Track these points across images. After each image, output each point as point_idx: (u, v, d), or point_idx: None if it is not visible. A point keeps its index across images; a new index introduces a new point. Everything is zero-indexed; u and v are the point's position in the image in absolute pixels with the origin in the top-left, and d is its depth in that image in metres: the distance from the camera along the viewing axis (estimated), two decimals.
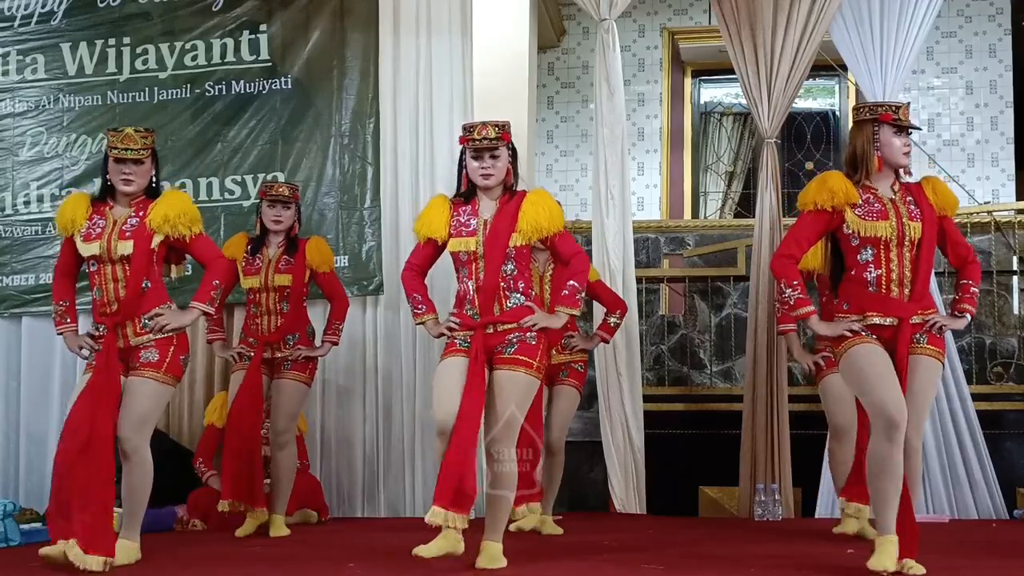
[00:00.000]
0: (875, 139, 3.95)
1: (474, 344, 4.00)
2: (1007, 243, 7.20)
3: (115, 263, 4.27)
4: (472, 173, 4.15)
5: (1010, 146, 9.67)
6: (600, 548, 4.73)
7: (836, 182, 3.90)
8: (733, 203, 10.33)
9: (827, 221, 3.91)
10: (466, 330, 4.06)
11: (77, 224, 4.33)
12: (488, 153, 4.12)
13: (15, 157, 6.89)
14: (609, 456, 6.27)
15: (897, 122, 3.94)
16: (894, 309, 3.84)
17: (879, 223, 3.86)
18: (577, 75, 10.34)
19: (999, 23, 9.76)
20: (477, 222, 4.11)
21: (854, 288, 3.90)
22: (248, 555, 4.63)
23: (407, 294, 4.26)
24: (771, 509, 5.87)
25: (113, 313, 4.28)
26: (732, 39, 6.51)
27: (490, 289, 4.05)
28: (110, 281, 4.29)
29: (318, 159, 6.66)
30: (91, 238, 4.29)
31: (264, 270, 5.46)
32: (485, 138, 4.10)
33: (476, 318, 4.05)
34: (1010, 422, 6.53)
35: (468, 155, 4.15)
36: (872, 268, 3.86)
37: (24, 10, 6.97)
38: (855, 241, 3.89)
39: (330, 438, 6.54)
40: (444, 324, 4.13)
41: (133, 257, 4.28)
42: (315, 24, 6.74)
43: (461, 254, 4.09)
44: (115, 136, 4.35)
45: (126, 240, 4.29)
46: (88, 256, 4.29)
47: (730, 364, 7.48)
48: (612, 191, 6.34)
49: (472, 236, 4.08)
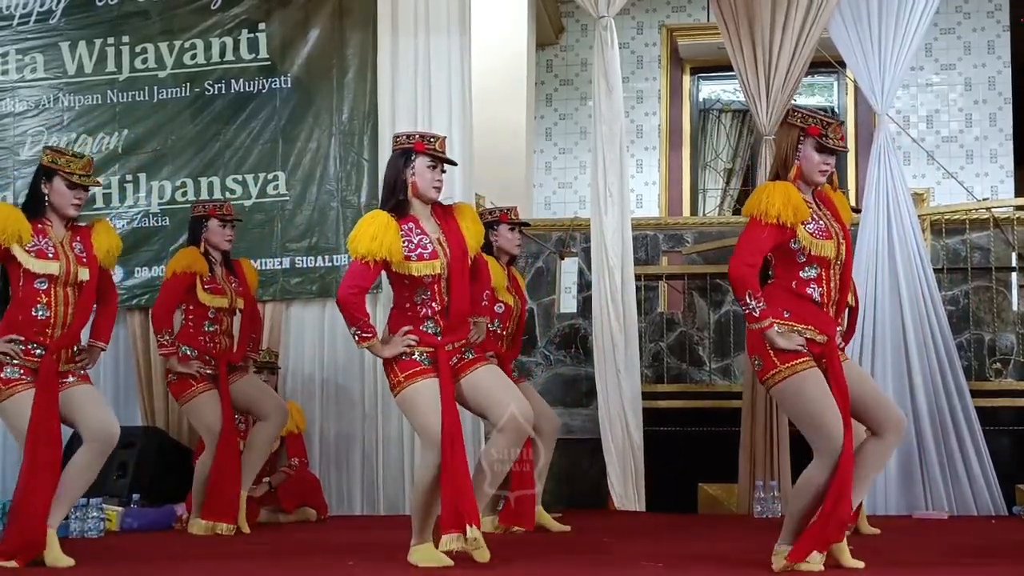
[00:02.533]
0: (798, 148, 3.81)
1: (441, 363, 3.94)
2: (1006, 239, 7.20)
3: (68, 286, 4.24)
4: (425, 184, 4.02)
5: (1009, 142, 9.68)
6: (599, 545, 4.74)
7: (797, 198, 3.74)
8: (732, 200, 10.34)
9: (782, 236, 3.75)
10: (424, 347, 3.96)
11: (24, 238, 4.18)
12: (441, 165, 4.07)
13: (16, 156, 6.91)
14: (608, 453, 6.27)
15: (823, 140, 3.78)
16: (827, 326, 3.78)
17: (826, 243, 3.76)
18: (576, 72, 10.35)
19: (997, 19, 9.76)
20: (430, 242, 4.00)
21: (794, 300, 3.79)
22: (247, 553, 4.64)
23: (354, 319, 3.95)
24: (770, 506, 5.88)
25: (60, 337, 4.23)
26: (731, 36, 6.51)
27: (462, 310, 4.01)
28: (61, 304, 4.23)
29: (318, 157, 6.67)
30: (45, 256, 4.20)
31: (228, 292, 5.51)
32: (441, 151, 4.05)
33: (438, 336, 3.98)
34: (1009, 418, 6.52)
35: (420, 163, 4.01)
36: (815, 286, 3.78)
37: (23, 9, 6.98)
38: (801, 258, 3.77)
39: (329, 436, 6.55)
40: (399, 343, 3.94)
41: (88, 284, 4.29)
42: (314, 23, 6.75)
43: (425, 277, 3.96)
44: (71, 160, 4.30)
45: (83, 266, 4.28)
46: (42, 274, 4.19)
47: (729, 361, 7.48)
48: (611, 188, 6.35)
49: (435, 258, 3.96)
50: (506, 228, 5.51)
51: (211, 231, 5.51)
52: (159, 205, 6.79)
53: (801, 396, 3.73)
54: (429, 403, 3.91)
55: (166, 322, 5.39)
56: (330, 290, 6.58)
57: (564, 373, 7.53)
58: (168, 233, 6.71)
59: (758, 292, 3.75)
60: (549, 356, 7.60)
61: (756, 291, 3.73)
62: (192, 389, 5.41)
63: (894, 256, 6.27)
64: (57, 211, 4.30)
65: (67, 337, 4.25)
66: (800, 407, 3.76)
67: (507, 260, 5.54)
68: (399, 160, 4.04)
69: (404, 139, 4.09)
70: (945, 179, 9.06)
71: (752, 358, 3.80)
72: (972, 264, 7.16)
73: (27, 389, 4.15)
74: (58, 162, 4.29)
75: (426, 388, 3.93)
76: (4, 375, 4.18)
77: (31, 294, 4.20)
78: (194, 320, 5.48)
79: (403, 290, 4.02)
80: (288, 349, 6.63)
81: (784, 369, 3.72)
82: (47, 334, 4.21)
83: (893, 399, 6.13)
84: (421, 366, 3.96)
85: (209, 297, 5.44)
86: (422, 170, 4.01)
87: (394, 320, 4.05)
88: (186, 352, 5.43)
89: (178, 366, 5.40)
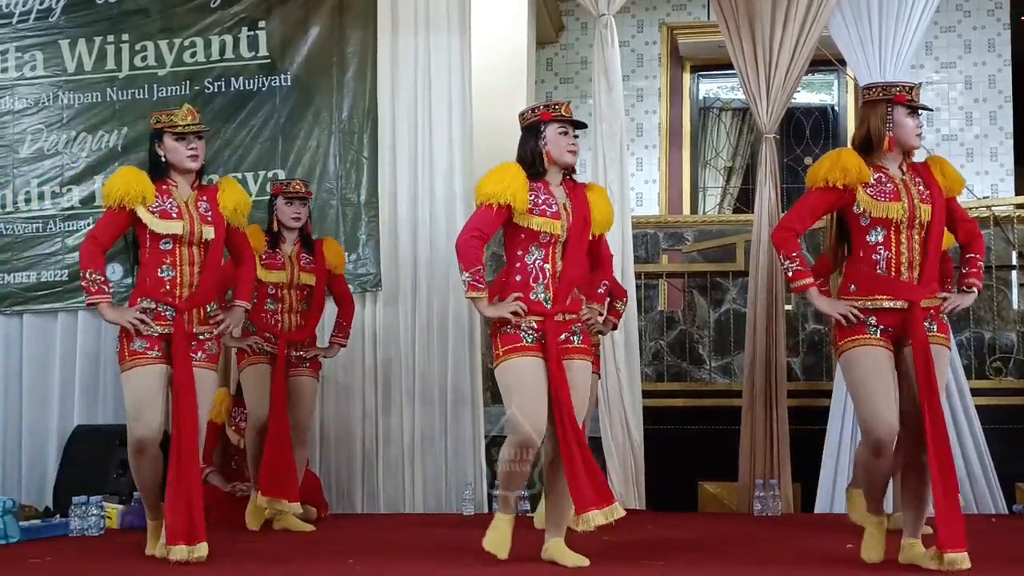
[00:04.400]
0: (888, 119, 3.85)
1: (549, 338, 3.85)
2: (1006, 238, 7.20)
3: (193, 246, 4.26)
4: (559, 150, 3.98)
5: (1009, 141, 9.67)
6: (599, 544, 4.73)
7: (850, 159, 3.80)
8: (732, 198, 10.34)
9: (836, 199, 3.80)
10: (533, 315, 3.88)
11: (148, 199, 4.21)
12: (573, 130, 4.03)
13: (15, 154, 6.90)
14: (608, 452, 6.27)
15: (911, 103, 3.86)
16: (904, 292, 3.76)
17: (892, 204, 3.77)
18: (576, 71, 10.34)
19: (998, 18, 9.75)
20: (555, 203, 3.96)
21: (862, 270, 3.81)
22: (248, 552, 4.64)
23: (468, 263, 3.84)
24: (770, 504, 5.88)
25: (189, 297, 4.25)
26: (731, 34, 6.50)
27: (573, 279, 3.97)
28: (187, 264, 4.25)
29: (318, 156, 6.67)
30: (169, 216, 4.22)
31: (289, 267, 5.50)
32: (568, 115, 4.02)
33: (547, 304, 3.91)
34: (1009, 417, 6.52)
35: (551, 132, 3.98)
36: (882, 249, 3.78)
37: (22, 7, 6.97)
38: (865, 221, 3.79)
39: (329, 434, 6.54)
40: (507, 306, 3.86)
41: (214, 243, 4.31)
42: (314, 21, 6.75)
43: (543, 235, 3.91)
44: (172, 114, 4.32)
45: (208, 225, 4.30)
46: (166, 234, 4.21)
47: (729, 359, 7.49)
48: (611, 187, 6.33)
49: (556, 219, 3.92)
50: None
51: (279, 209, 5.57)
52: None
53: (851, 372, 3.79)
54: (520, 382, 3.84)
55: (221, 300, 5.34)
56: None
57: None
58: None
59: (793, 254, 3.81)
60: None
61: (791, 253, 3.80)
62: (248, 359, 5.49)
63: None
64: (177, 168, 4.31)
65: (197, 297, 4.25)
66: (850, 383, 3.83)
67: None
68: (530, 135, 4.01)
69: (530, 113, 4.05)
70: None
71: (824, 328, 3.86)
72: None
73: (152, 363, 4.15)
74: (161, 120, 4.33)
75: (521, 366, 3.84)
76: (133, 346, 4.18)
77: (157, 255, 4.22)
78: (256, 297, 5.46)
79: (517, 247, 3.96)
80: None
81: (845, 343, 3.79)
82: (175, 295, 4.22)
83: None
84: (523, 343, 3.87)
85: (265, 272, 5.43)
86: (554, 137, 3.99)
87: (502, 284, 3.99)
88: (247, 327, 5.44)
89: (230, 341, 5.39)
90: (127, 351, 4.19)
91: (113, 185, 4.23)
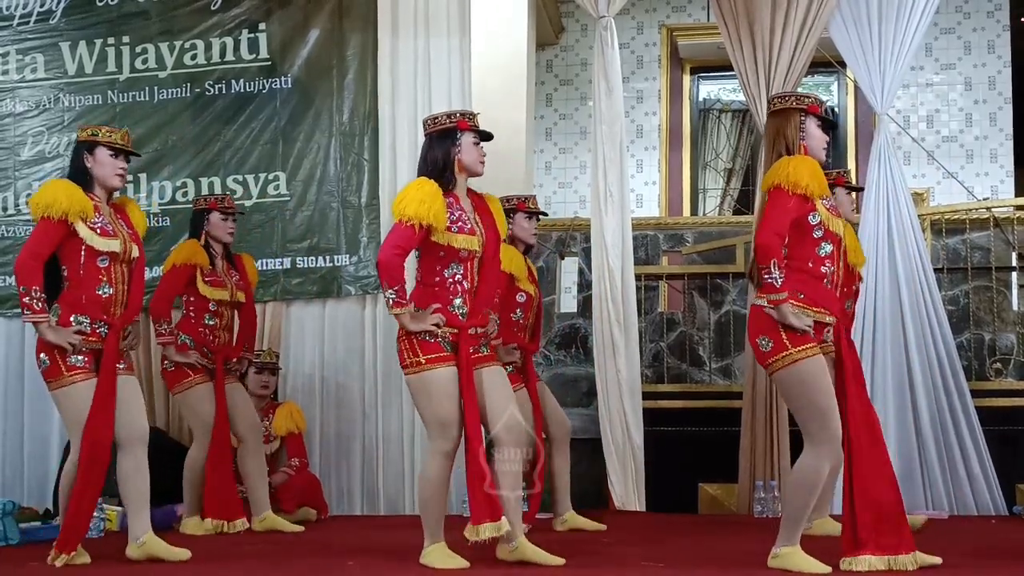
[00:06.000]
0: (801, 129, 3.91)
1: (463, 349, 3.93)
2: (1006, 239, 7.20)
3: (123, 263, 4.29)
4: (472, 159, 4.06)
5: (1009, 142, 9.68)
6: (599, 545, 4.74)
7: (820, 172, 3.82)
8: (732, 200, 10.33)
9: (804, 209, 3.79)
10: (449, 327, 3.96)
11: (88, 215, 4.21)
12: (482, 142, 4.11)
13: (16, 157, 6.91)
14: (608, 453, 6.28)
15: (823, 116, 3.93)
16: (836, 308, 3.83)
17: (837, 220, 3.86)
18: (576, 72, 10.35)
19: (998, 19, 9.76)
20: (468, 219, 4.04)
21: (808, 281, 3.79)
22: (247, 553, 4.64)
23: (391, 281, 3.88)
24: (770, 506, 5.88)
25: (122, 314, 4.28)
26: (731, 36, 6.51)
27: (491, 295, 4.04)
28: (120, 281, 4.28)
29: (318, 158, 6.68)
30: (108, 234, 4.24)
31: (229, 284, 5.55)
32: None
33: (463, 317, 3.98)
34: (1009, 418, 6.52)
35: (466, 140, 4.05)
36: (829, 263, 3.82)
37: (23, 9, 6.98)
38: (819, 232, 3.81)
39: (329, 436, 6.55)
40: (428, 318, 3.91)
41: (139, 260, 4.36)
42: (314, 23, 6.76)
43: (463, 251, 3.99)
44: (111, 131, 4.38)
45: (135, 243, 4.35)
46: (105, 251, 4.22)
47: (729, 361, 7.48)
48: (611, 188, 6.35)
49: (472, 235, 4.01)
50: (523, 216, 5.50)
51: (213, 224, 5.57)
52: (160, 205, 6.79)
53: (807, 383, 3.72)
54: (445, 392, 3.91)
55: (164, 312, 5.42)
56: (330, 290, 6.59)
57: (564, 373, 7.54)
58: (169, 233, 6.70)
59: (783, 262, 3.76)
60: (549, 356, 7.60)
61: (781, 261, 3.75)
62: (188, 380, 5.46)
63: (894, 256, 6.27)
64: (102, 183, 4.33)
65: (128, 314, 4.30)
66: (805, 394, 3.74)
67: (523, 250, 5.53)
68: (444, 140, 4.04)
69: (445, 119, 4.08)
70: (945, 179, 9.06)
71: (759, 339, 3.76)
72: (972, 264, 7.16)
73: (88, 378, 4.16)
74: (98, 134, 4.36)
75: (445, 377, 3.92)
76: (71, 362, 4.18)
77: (93, 272, 4.22)
78: (195, 312, 5.53)
79: (435, 263, 4.00)
80: (288, 349, 6.63)
81: (794, 352, 3.71)
82: (111, 312, 4.24)
83: (893, 399, 6.16)
84: (444, 351, 3.94)
85: (209, 290, 5.48)
86: (468, 147, 4.05)
87: (420, 296, 4.02)
88: (185, 342, 5.46)
89: (176, 355, 5.42)
90: (64, 366, 4.17)
91: (54, 197, 4.19)
